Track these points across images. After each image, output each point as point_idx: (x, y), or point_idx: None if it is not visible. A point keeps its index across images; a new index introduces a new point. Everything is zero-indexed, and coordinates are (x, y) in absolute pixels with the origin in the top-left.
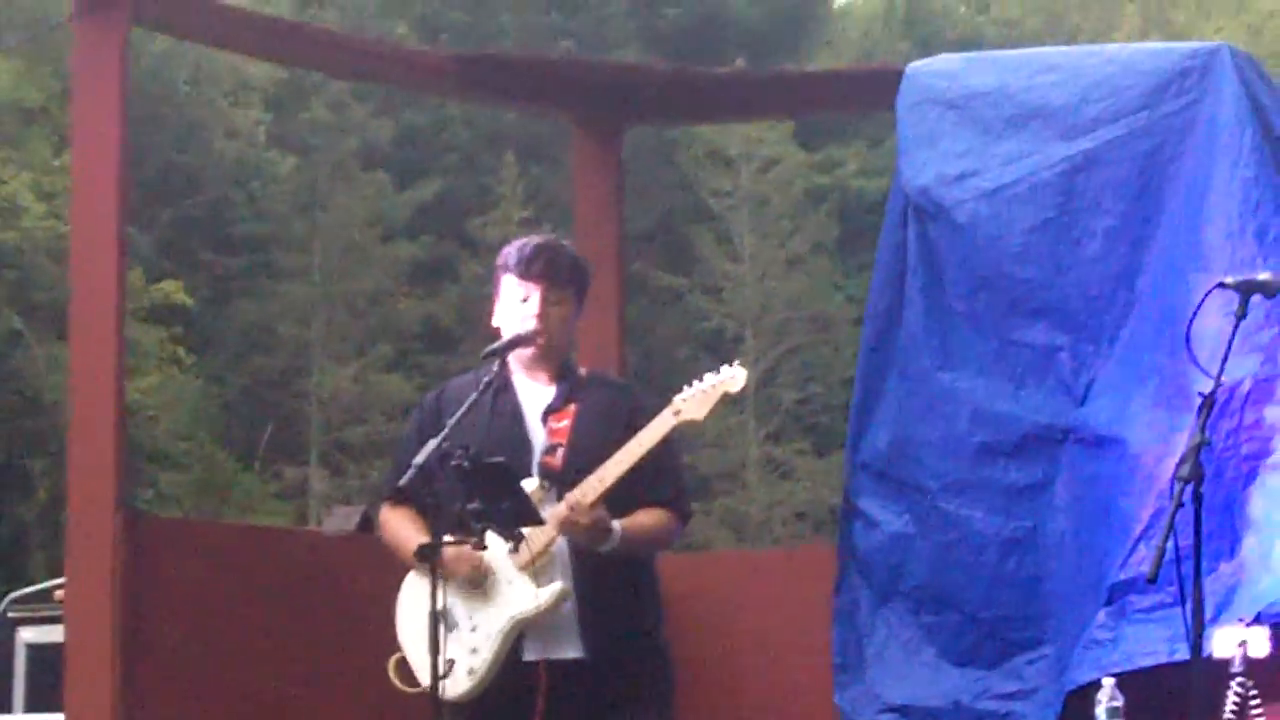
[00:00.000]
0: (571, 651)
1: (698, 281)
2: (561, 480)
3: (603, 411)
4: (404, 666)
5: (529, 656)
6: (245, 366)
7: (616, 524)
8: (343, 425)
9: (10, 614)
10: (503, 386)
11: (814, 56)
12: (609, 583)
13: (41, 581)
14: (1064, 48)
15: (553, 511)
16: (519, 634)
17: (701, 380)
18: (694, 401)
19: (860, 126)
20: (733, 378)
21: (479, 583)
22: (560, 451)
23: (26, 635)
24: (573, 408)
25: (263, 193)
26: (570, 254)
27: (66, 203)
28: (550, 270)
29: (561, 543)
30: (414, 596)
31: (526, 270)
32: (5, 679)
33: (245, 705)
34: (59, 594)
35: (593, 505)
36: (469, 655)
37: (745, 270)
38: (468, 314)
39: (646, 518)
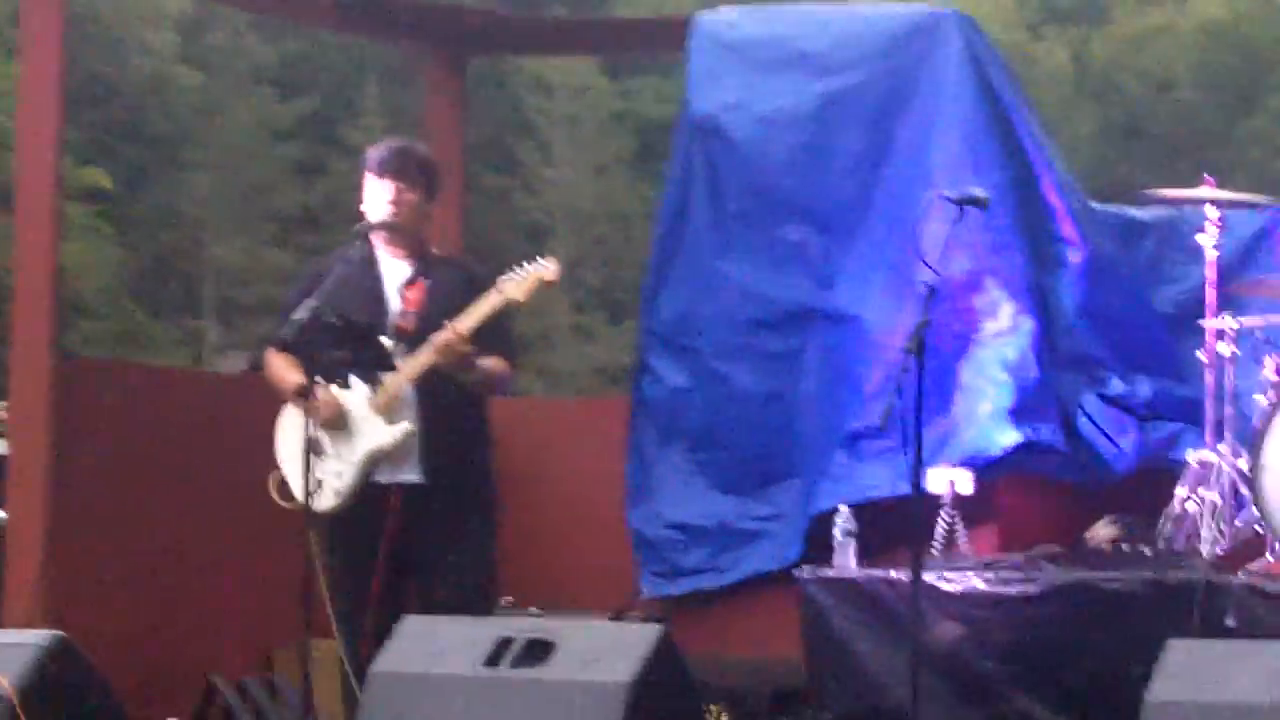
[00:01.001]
0: (414, 476)
1: (522, 183)
2: (411, 340)
3: (448, 286)
4: (282, 485)
5: (380, 479)
6: (155, 239)
7: (479, 361)
8: (233, 287)
9: None
10: (369, 261)
11: (618, 6)
12: (447, 420)
13: None
14: (822, 5)
15: (434, 339)
16: (374, 461)
17: (523, 267)
18: (515, 284)
19: (655, 63)
20: (547, 268)
21: (339, 424)
22: (412, 316)
23: None
24: (423, 281)
25: (173, 101)
26: (420, 153)
27: (13, 102)
28: (403, 168)
29: (409, 388)
30: (290, 426)
31: (383, 168)
32: None
33: (153, 506)
34: (2, 415)
35: (464, 338)
36: (335, 478)
37: (560, 175)
38: (335, 202)
39: (493, 362)
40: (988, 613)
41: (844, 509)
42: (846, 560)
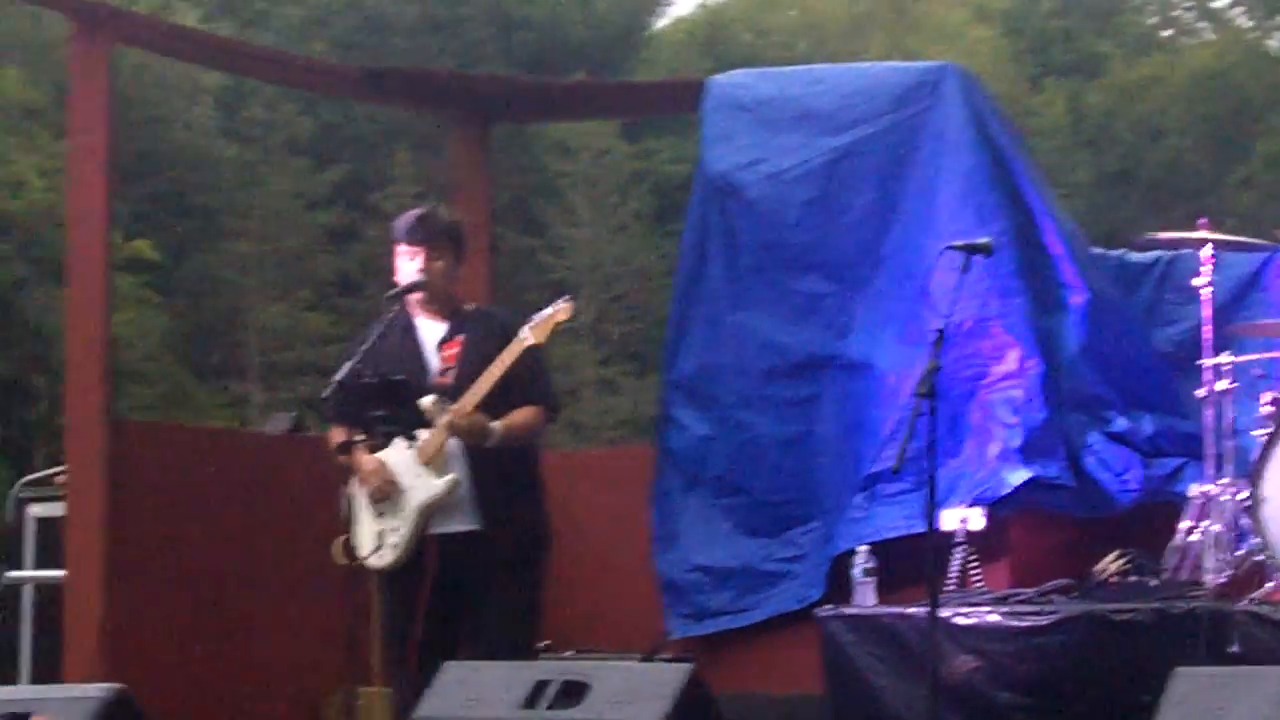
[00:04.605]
0: (468, 525)
1: (546, 243)
2: (453, 394)
3: (484, 339)
4: (347, 545)
5: (435, 530)
6: (200, 306)
7: (495, 424)
8: (275, 351)
9: (21, 494)
10: (407, 325)
11: (635, 71)
12: (496, 469)
13: (43, 469)
14: (828, 65)
15: (442, 419)
16: (428, 514)
17: (540, 312)
18: (536, 329)
19: (671, 124)
20: (562, 308)
21: (388, 493)
22: (451, 374)
23: (35, 510)
24: (461, 338)
25: (213, 173)
26: (444, 218)
27: (63, 179)
28: (428, 235)
29: (455, 441)
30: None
31: (410, 237)
32: (17, 545)
33: (202, 562)
34: (60, 479)
35: (470, 413)
36: (392, 534)
37: (582, 234)
38: (370, 267)
39: (519, 415)
40: (1001, 645)
41: (863, 549)
42: (866, 598)
